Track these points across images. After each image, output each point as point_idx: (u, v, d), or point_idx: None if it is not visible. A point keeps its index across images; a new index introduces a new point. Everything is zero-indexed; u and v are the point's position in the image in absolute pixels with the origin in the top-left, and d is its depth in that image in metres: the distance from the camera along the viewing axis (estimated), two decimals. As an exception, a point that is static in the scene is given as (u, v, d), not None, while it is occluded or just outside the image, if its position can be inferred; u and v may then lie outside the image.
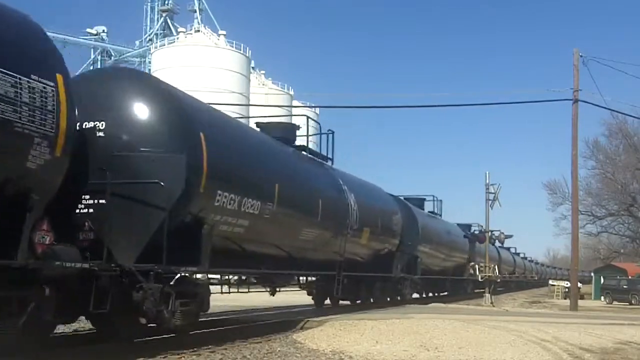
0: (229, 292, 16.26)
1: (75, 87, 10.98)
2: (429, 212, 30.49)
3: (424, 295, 33.14)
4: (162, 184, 10.19)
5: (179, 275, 11.56)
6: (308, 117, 17.27)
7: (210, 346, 11.35)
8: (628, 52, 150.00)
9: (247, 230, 12.77)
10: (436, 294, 34.35)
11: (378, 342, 12.57)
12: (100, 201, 10.21)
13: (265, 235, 13.76)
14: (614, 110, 36.88)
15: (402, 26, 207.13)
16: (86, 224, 10.22)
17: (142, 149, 10.53)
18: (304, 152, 16.92)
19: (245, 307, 20.40)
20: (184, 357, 10.45)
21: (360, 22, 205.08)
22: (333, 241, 16.90)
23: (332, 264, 17.61)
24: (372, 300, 21.94)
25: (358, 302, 21.58)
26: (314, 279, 19.82)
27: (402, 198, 26.40)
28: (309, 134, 18.10)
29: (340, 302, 21.27)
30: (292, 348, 11.85)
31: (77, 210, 10.23)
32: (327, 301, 20.79)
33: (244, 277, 16.34)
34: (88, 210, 10.28)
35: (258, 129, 16.10)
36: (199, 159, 11.00)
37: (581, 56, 27.25)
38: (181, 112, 11.05)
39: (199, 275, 13.18)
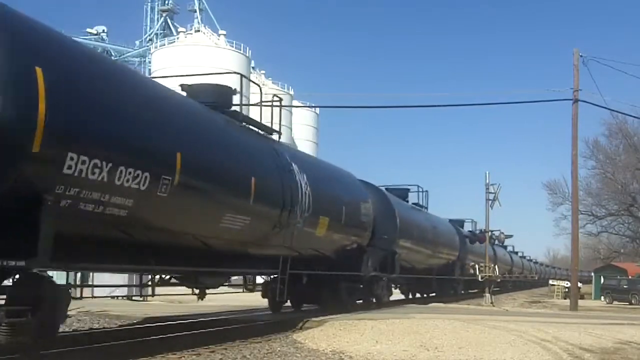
0: (152, 295, 13.26)
1: None
2: (413, 204, 26.11)
3: (410, 297, 29.21)
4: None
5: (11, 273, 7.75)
6: (242, 76, 13.13)
7: (210, 346, 10.89)
8: (628, 52, 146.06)
9: (133, 212, 8.88)
10: (424, 295, 30.15)
11: (378, 342, 12.02)
12: None
13: (165, 221, 9.84)
14: (614, 110, 35.54)
15: (402, 26, 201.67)
16: None
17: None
18: (244, 124, 13.14)
19: (246, 307, 19.05)
20: (183, 357, 9.84)
21: (360, 22, 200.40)
22: (276, 231, 12.81)
23: (279, 260, 13.65)
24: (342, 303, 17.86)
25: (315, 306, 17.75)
26: (267, 278, 15.93)
27: (383, 188, 22.40)
28: (259, 104, 14.19)
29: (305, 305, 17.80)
30: (292, 348, 11.38)
31: None
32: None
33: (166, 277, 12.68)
34: None
35: (184, 93, 12.39)
36: (31, 104, 7.18)
37: (581, 56, 26.06)
38: (4, 37, 7.21)
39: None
